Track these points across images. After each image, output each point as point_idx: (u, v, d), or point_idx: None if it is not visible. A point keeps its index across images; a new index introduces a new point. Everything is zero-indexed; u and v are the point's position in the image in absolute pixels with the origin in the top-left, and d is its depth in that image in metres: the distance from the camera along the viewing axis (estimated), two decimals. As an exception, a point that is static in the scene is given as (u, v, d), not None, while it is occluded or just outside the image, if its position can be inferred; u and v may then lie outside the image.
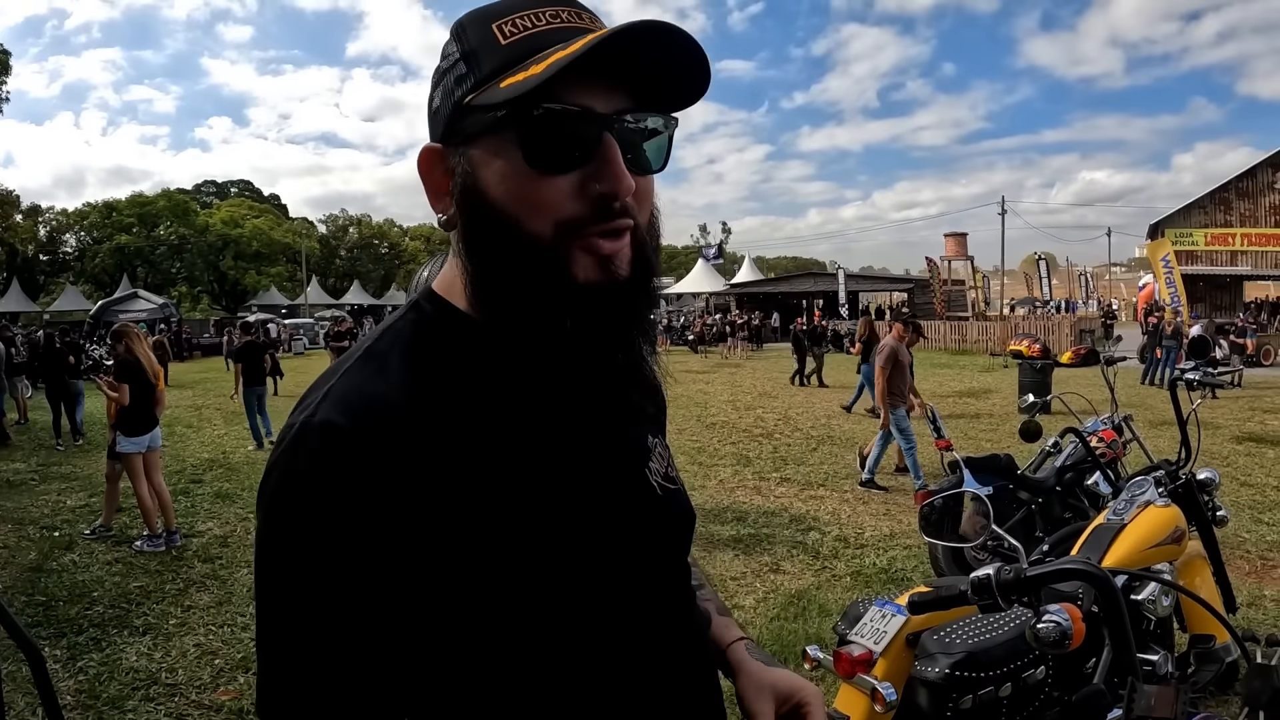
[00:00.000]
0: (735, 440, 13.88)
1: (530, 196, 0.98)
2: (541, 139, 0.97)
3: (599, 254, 1.00)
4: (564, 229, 0.99)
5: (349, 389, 1.00)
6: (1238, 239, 42.45)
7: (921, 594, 1.89)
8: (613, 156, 0.98)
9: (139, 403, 8.02)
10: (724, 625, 1.40)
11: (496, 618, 0.99)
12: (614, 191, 0.98)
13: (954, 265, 53.99)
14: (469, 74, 1.02)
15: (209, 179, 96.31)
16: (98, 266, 66.62)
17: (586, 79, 0.97)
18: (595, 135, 0.98)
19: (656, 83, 1.02)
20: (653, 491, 1.20)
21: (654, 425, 1.33)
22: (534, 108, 0.95)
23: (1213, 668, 3.60)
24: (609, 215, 0.99)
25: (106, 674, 5.31)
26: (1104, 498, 5.47)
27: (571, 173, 0.98)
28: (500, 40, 1.00)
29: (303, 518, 0.93)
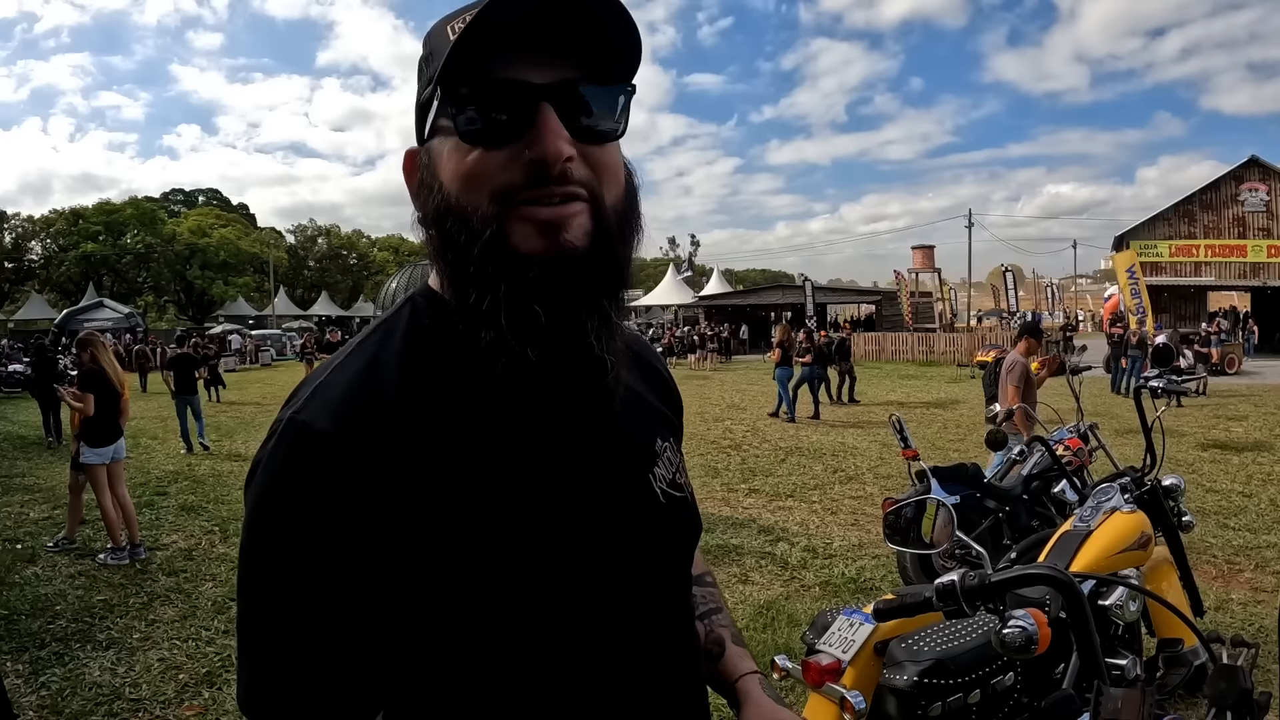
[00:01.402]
0: (703, 452, 13.89)
1: (466, 171, 0.98)
2: (471, 114, 0.98)
3: (537, 220, 0.98)
4: (499, 198, 0.97)
5: (335, 386, 1.00)
6: (1202, 250, 42.90)
7: (886, 601, 1.89)
8: (546, 121, 0.96)
9: (103, 413, 7.94)
10: (738, 656, 1.38)
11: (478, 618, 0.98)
12: (544, 154, 0.96)
13: (921, 278, 54.37)
14: (428, 74, 1.03)
15: (177, 187, 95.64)
16: (63, 275, 65.97)
17: (520, 52, 0.97)
18: (530, 106, 0.97)
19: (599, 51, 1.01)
20: (655, 499, 1.17)
21: (666, 427, 1.30)
22: (460, 85, 0.97)
23: (1181, 671, 3.62)
24: (544, 181, 0.97)
25: (69, 689, 5.24)
26: (1070, 505, 5.50)
27: (507, 146, 0.97)
28: (449, 37, 0.98)
29: (283, 518, 0.94)
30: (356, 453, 0.94)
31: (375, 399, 0.98)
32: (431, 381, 1.02)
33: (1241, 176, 42.49)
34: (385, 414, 0.97)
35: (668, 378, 1.40)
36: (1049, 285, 74.69)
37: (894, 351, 38.89)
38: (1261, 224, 41.97)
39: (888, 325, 46.48)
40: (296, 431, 0.95)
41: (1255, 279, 42.11)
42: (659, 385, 1.35)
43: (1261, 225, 41.97)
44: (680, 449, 1.33)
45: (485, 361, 1.00)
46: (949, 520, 2.36)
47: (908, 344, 38.90)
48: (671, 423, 1.33)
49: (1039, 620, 1.65)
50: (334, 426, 0.94)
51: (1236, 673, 1.47)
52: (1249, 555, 7.50)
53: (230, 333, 47.70)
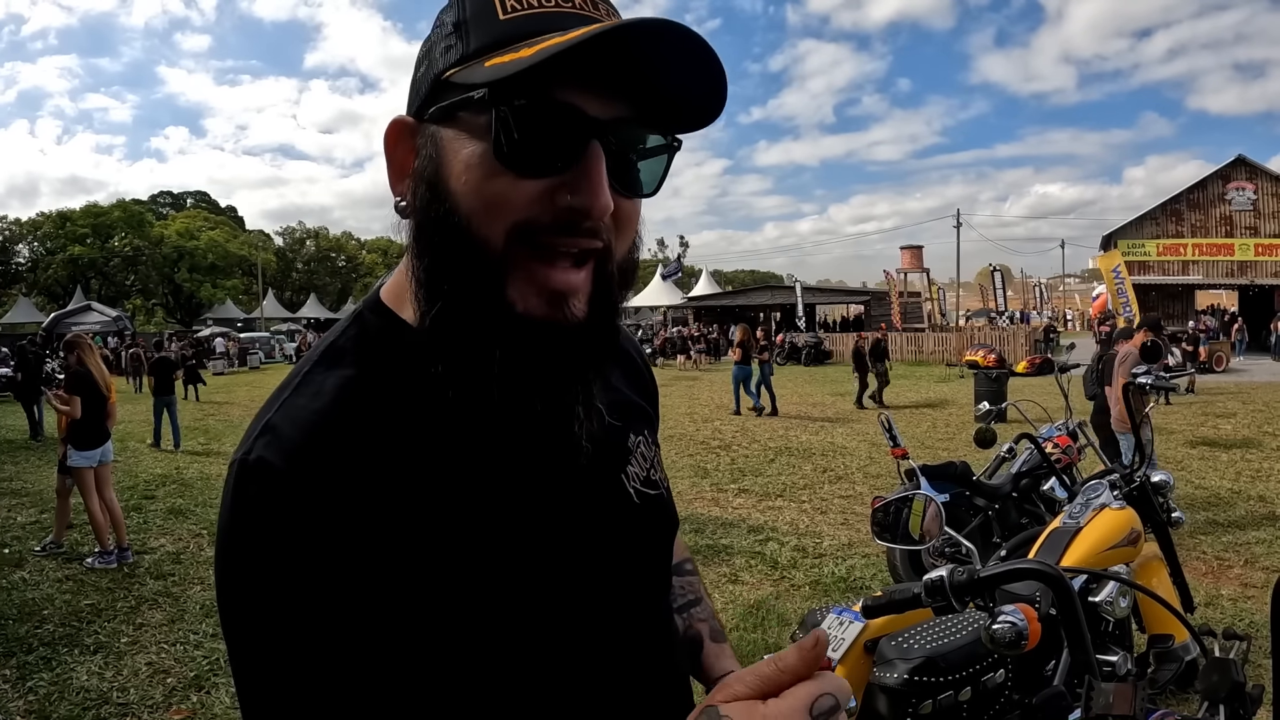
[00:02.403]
0: (693, 452, 13.89)
1: (489, 192, 0.87)
2: (516, 132, 0.85)
3: (549, 286, 0.89)
4: (517, 235, 0.87)
5: (285, 420, 0.91)
6: (1189, 249, 43.06)
7: (875, 598, 1.88)
8: (594, 168, 0.86)
9: (90, 416, 7.90)
10: (717, 653, 1.34)
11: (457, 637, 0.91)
12: (587, 208, 0.87)
13: (910, 278, 54.42)
14: (456, 45, 0.90)
15: (165, 190, 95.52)
16: (51, 278, 65.67)
17: (585, 77, 0.86)
18: (580, 141, 0.87)
19: (663, 95, 0.91)
20: (628, 499, 1.12)
21: (640, 421, 1.23)
22: (516, 96, 0.84)
23: (1172, 666, 3.62)
24: (573, 231, 0.88)
25: (57, 694, 5.21)
26: (1060, 502, 5.50)
27: (544, 178, 0.87)
28: (499, 14, 0.88)
29: (247, 566, 0.86)
30: (311, 488, 0.86)
31: (323, 431, 0.90)
32: (381, 409, 0.93)
33: (1228, 176, 42.67)
34: (334, 445, 0.89)
35: (642, 365, 1.33)
36: (1037, 285, 74.78)
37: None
38: (1248, 223, 42.15)
39: (876, 325, 46.51)
40: (248, 475, 0.87)
41: (1242, 277, 42.31)
42: (633, 375, 1.28)
43: (1248, 224, 42.16)
44: (656, 440, 1.26)
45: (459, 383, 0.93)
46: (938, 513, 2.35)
47: (897, 344, 38.91)
48: (646, 414, 1.26)
49: (1029, 615, 1.65)
50: (284, 468, 0.87)
51: (1229, 666, 1.47)
52: (1238, 551, 7.51)
53: (216, 336, 47.48)
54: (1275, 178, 42.23)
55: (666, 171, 0.98)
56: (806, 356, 37.29)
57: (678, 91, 0.91)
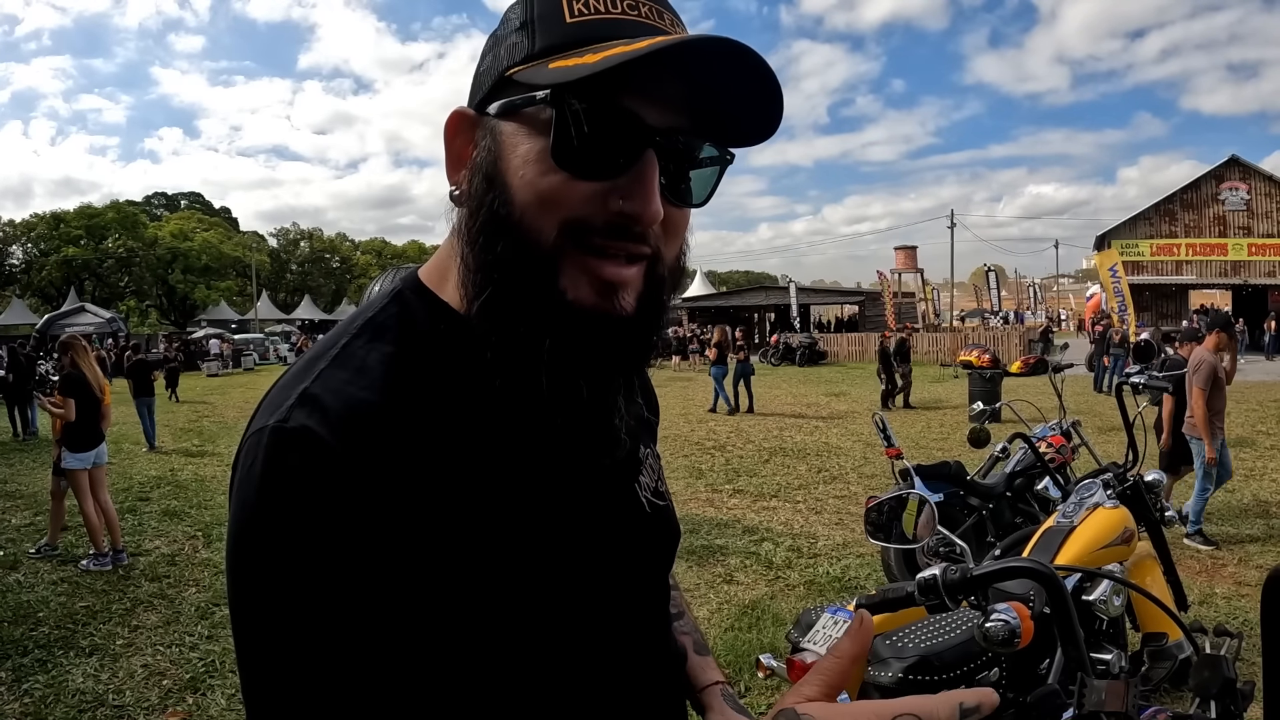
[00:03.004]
0: (688, 453, 13.90)
1: (544, 187, 0.89)
2: (575, 134, 0.87)
3: (601, 278, 0.91)
4: (569, 231, 0.89)
5: (327, 391, 0.89)
6: (1183, 249, 43.17)
7: (869, 597, 1.89)
8: (648, 175, 0.88)
9: (84, 418, 7.89)
10: (701, 665, 1.34)
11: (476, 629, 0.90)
12: (638, 213, 0.89)
13: (904, 278, 54.53)
14: (521, 43, 0.92)
15: (159, 191, 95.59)
16: (44, 279, 65.58)
17: (645, 85, 0.88)
18: (636, 147, 0.89)
19: (720, 109, 0.94)
20: (641, 508, 1.13)
21: (647, 433, 1.24)
22: (577, 99, 0.86)
23: (1166, 665, 3.63)
24: (622, 235, 0.90)
25: (52, 696, 5.21)
26: (1054, 502, 5.52)
27: (599, 180, 0.89)
28: (566, 16, 0.91)
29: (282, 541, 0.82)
30: (357, 465, 0.84)
31: (370, 405, 0.88)
32: (425, 389, 0.93)
33: (1222, 176, 42.81)
34: (382, 422, 0.87)
35: (646, 381, 1.32)
36: (1031, 285, 74.93)
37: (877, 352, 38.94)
38: (1242, 223, 42.28)
39: (871, 326, 46.53)
40: (287, 442, 0.84)
41: (1236, 277, 42.41)
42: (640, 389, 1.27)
43: (1242, 224, 42.29)
44: (657, 452, 1.28)
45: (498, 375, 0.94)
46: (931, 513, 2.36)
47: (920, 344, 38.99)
48: (652, 427, 1.28)
49: (1021, 614, 1.66)
50: (330, 437, 0.84)
51: (1220, 662, 1.48)
52: (1232, 550, 7.55)
53: (210, 337, 47.41)
54: (1269, 178, 42.38)
55: (717, 183, 1.00)
56: (801, 357, 37.27)
57: (735, 107, 0.93)
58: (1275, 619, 1.16)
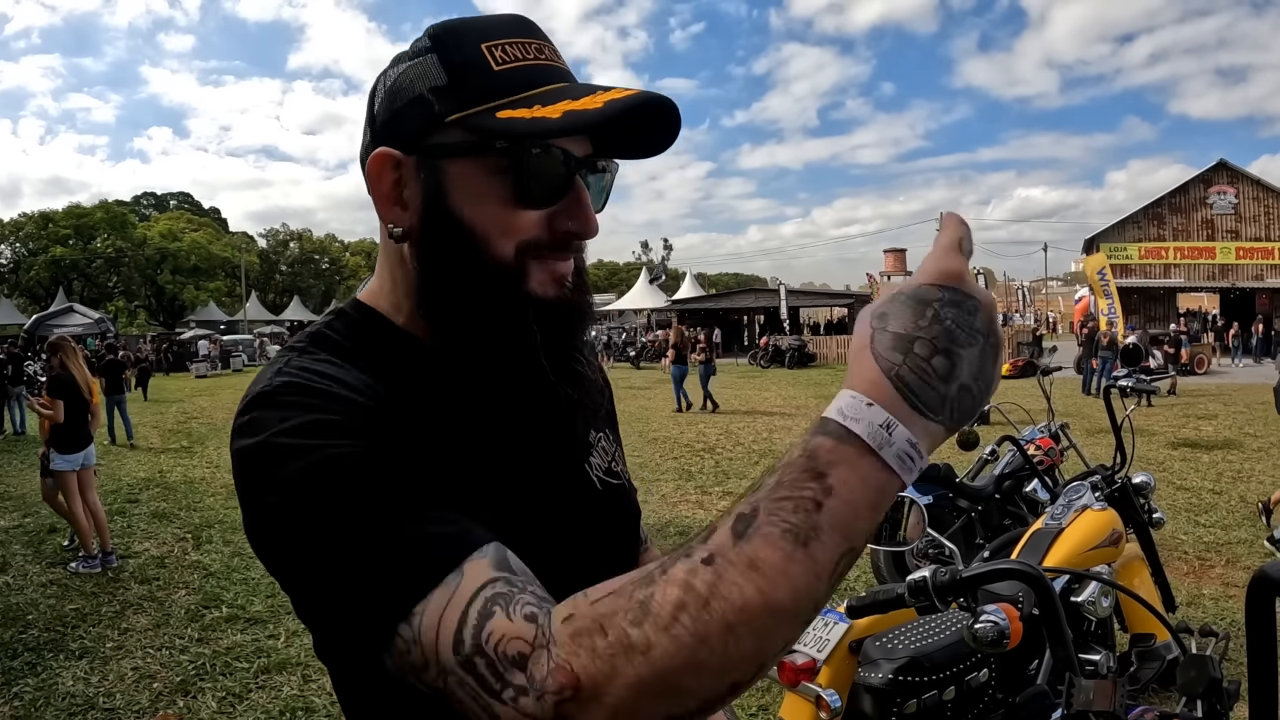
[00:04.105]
0: (677, 455, 13.89)
1: (504, 222, 1.01)
2: (530, 176, 1.00)
3: (554, 273, 1.06)
4: (524, 250, 1.02)
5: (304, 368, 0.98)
6: (1171, 252, 43.33)
7: (859, 598, 1.90)
8: (585, 199, 1.05)
9: (73, 419, 7.88)
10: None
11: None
12: (582, 232, 1.05)
13: (894, 280, 54.58)
14: (451, 89, 1.01)
15: (148, 191, 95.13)
16: (32, 279, 65.30)
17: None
18: (569, 177, 1.03)
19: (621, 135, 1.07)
20: (592, 486, 1.23)
21: (598, 418, 1.34)
22: (531, 146, 0.99)
23: (1154, 665, 3.66)
24: (567, 248, 1.06)
25: (42, 699, 5.20)
26: (1042, 504, 5.54)
27: (545, 208, 1.03)
28: (492, 65, 1.01)
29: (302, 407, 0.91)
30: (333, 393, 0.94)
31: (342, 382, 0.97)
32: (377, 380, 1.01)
33: (1210, 180, 42.98)
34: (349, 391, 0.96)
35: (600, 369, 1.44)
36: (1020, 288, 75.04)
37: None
38: (1230, 226, 42.45)
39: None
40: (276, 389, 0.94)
41: (1224, 280, 42.58)
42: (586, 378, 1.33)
43: (1230, 228, 42.45)
44: (617, 438, 1.39)
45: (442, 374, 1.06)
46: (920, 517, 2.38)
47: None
48: (604, 411, 1.38)
49: (1010, 615, 1.67)
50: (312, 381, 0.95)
51: (1206, 662, 1.49)
52: (1220, 551, 7.58)
53: (198, 338, 47.30)
54: (1256, 182, 42.58)
55: (610, 187, 1.18)
56: (790, 359, 37.30)
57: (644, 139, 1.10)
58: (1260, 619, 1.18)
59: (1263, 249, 41.70)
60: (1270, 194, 42.01)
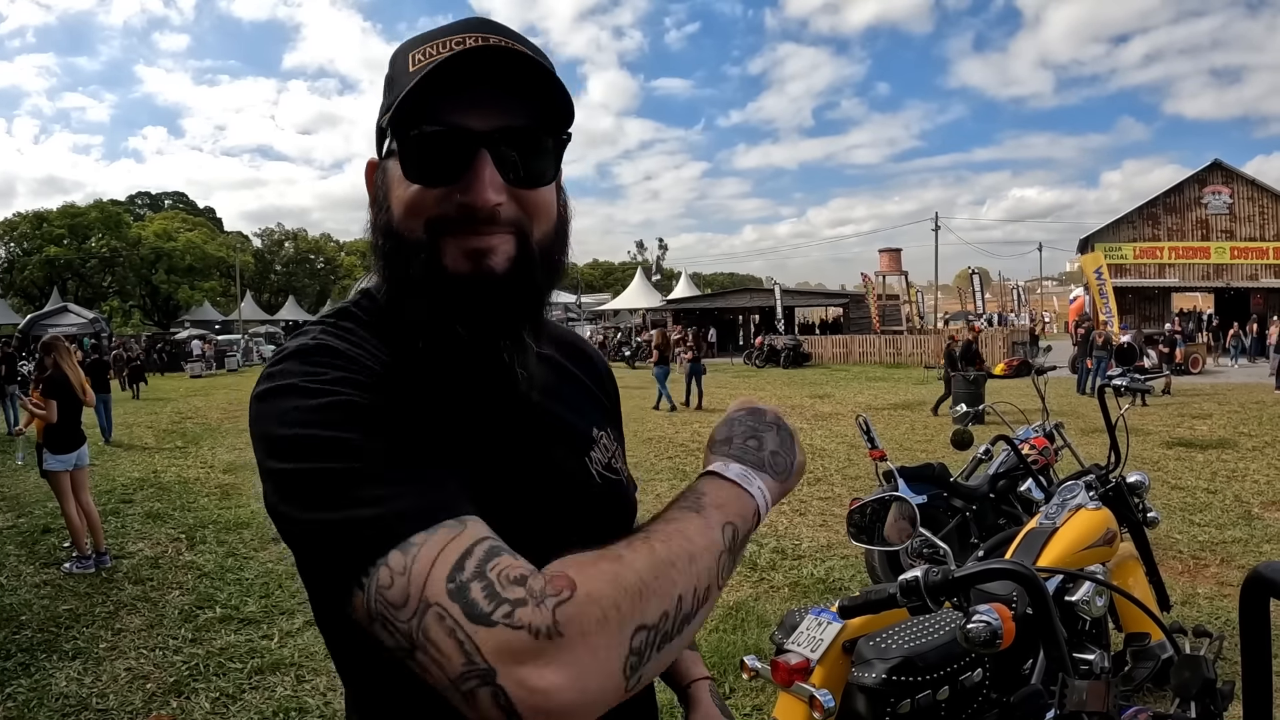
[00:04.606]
0: (672, 455, 13.91)
1: (407, 200, 1.10)
2: (416, 155, 1.09)
3: (468, 248, 1.10)
4: (432, 227, 1.10)
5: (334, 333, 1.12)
6: (1165, 252, 43.41)
7: (852, 599, 1.90)
8: (478, 172, 1.07)
9: (66, 420, 7.87)
10: (690, 659, 1.53)
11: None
12: (472, 203, 1.07)
13: (889, 280, 54.70)
14: (385, 102, 1.16)
15: (143, 190, 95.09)
16: (27, 279, 65.08)
17: (467, 97, 1.08)
18: (469, 152, 1.08)
19: (536, 103, 1.12)
20: (591, 479, 1.31)
21: (603, 416, 1.44)
22: (411, 129, 1.08)
23: (1148, 665, 3.65)
24: (471, 222, 1.09)
25: (36, 700, 5.19)
26: (1037, 504, 5.54)
27: (444, 185, 1.09)
28: (409, 67, 1.12)
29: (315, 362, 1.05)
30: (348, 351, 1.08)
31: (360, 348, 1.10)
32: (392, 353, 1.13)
33: (1205, 180, 43.06)
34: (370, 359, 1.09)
35: (606, 371, 1.57)
36: (1015, 287, 75.13)
37: (862, 354, 39.08)
38: (1224, 226, 42.53)
39: (855, 328, 46.65)
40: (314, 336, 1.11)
41: (1218, 280, 42.64)
42: (597, 378, 1.51)
43: (1224, 227, 42.54)
44: (619, 437, 1.49)
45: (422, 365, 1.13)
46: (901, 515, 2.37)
47: (875, 346, 39.10)
48: (609, 412, 1.50)
49: (1003, 615, 1.66)
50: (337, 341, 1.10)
51: (1200, 663, 1.49)
52: (1214, 550, 7.58)
53: (193, 338, 47.22)
54: (1251, 182, 42.66)
55: (558, 162, 1.19)
56: (786, 359, 37.33)
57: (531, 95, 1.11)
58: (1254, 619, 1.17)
59: (1257, 249, 41.79)
60: (1265, 194, 42.09)
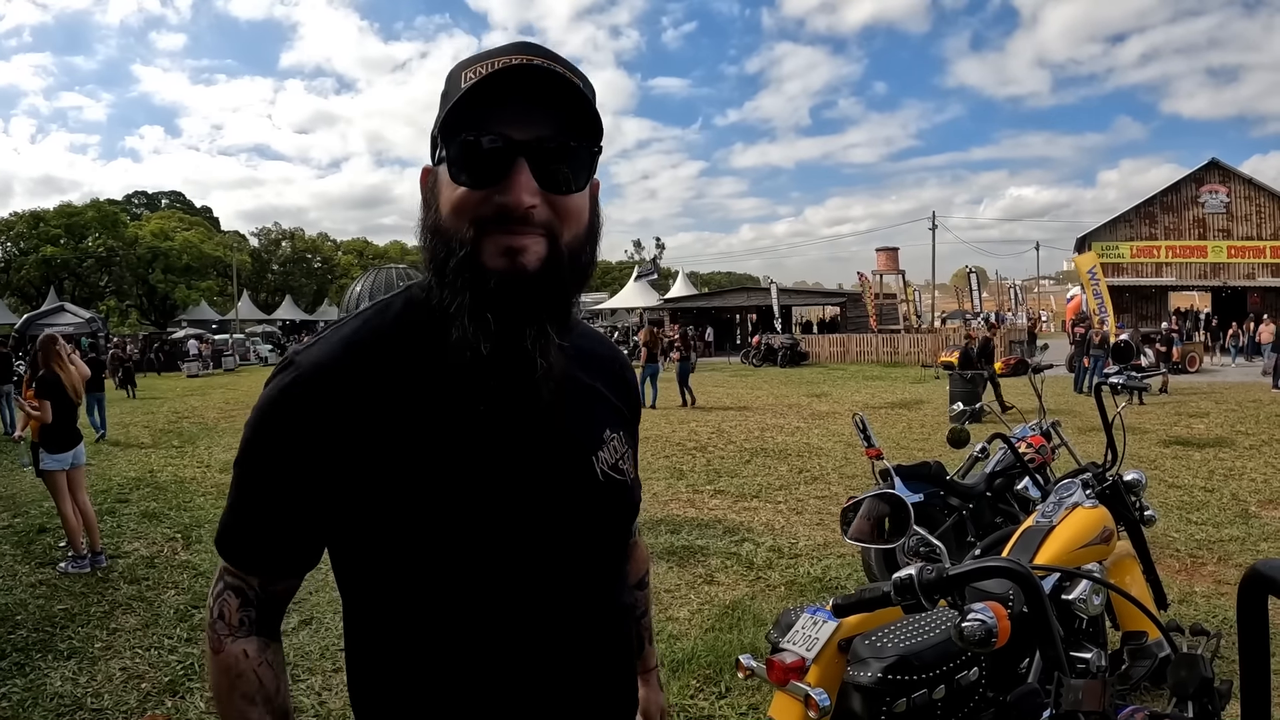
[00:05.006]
0: (669, 454, 13.89)
1: (454, 202, 1.26)
2: (462, 160, 1.25)
3: (504, 246, 1.25)
4: (476, 225, 1.26)
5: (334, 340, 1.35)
6: (1163, 251, 43.48)
7: (846, 597, 1.89)
8: (515, 177, 1.23)
9: (60, 420, 7.86)
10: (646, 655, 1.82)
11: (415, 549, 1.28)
12: (508, 204, 1.23)
13: (886, 279, 54.63)
14: (439, 114, 1.28)
15: (140, 190, 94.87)
16: (23, 279, 64.98)
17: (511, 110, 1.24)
18: (509, 159, 1.23)
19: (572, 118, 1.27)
20: (594, 476, 1.44)
21: (616, 420, 1.55)
22: (458, 136, 1.24)
23: (1146, 663, 3.64)
24: (508, 221, 1.24)
25: (30, 700, 5.17)
26: (1034, 502, 5.53)
27: (486, 188, 1.25)
28: (461, 84, 1.25)
29: (257, 426, 1.32)
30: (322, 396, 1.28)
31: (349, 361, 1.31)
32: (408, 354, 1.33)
33: (1202, 179, 43.14)
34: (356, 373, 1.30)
35: (629, 379, 1.68)
36: (1012, 286, 75.19)
37: (859, 353, 39.11)
38: (1222, 225, 42.61)
39: (852, 327, 46.66)
40: (290, 370, 1.31)
41: (1215, 279, 42.70)
42: (618, 384, 1.62)
43: (1222, 226, 42.62)
44: (631, 441, 1.60)
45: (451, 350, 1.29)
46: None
47: (872, 345, 39.11)
48: (623, 416, 1.60)
49: (998, 613, 1.65)
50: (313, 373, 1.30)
51: (1197, 661, 1.48)
52: (1212, 549, 7.58)
53: (189, 338, 47.15)
54: (1248, 181, 42.74)
55: (591, 171, 1.34)
56: (783, 358, 37.34)
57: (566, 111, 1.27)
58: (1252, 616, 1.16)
59: (1254, 248, 41.86)
60: (1262, 193, 42.16)
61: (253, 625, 1.36)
